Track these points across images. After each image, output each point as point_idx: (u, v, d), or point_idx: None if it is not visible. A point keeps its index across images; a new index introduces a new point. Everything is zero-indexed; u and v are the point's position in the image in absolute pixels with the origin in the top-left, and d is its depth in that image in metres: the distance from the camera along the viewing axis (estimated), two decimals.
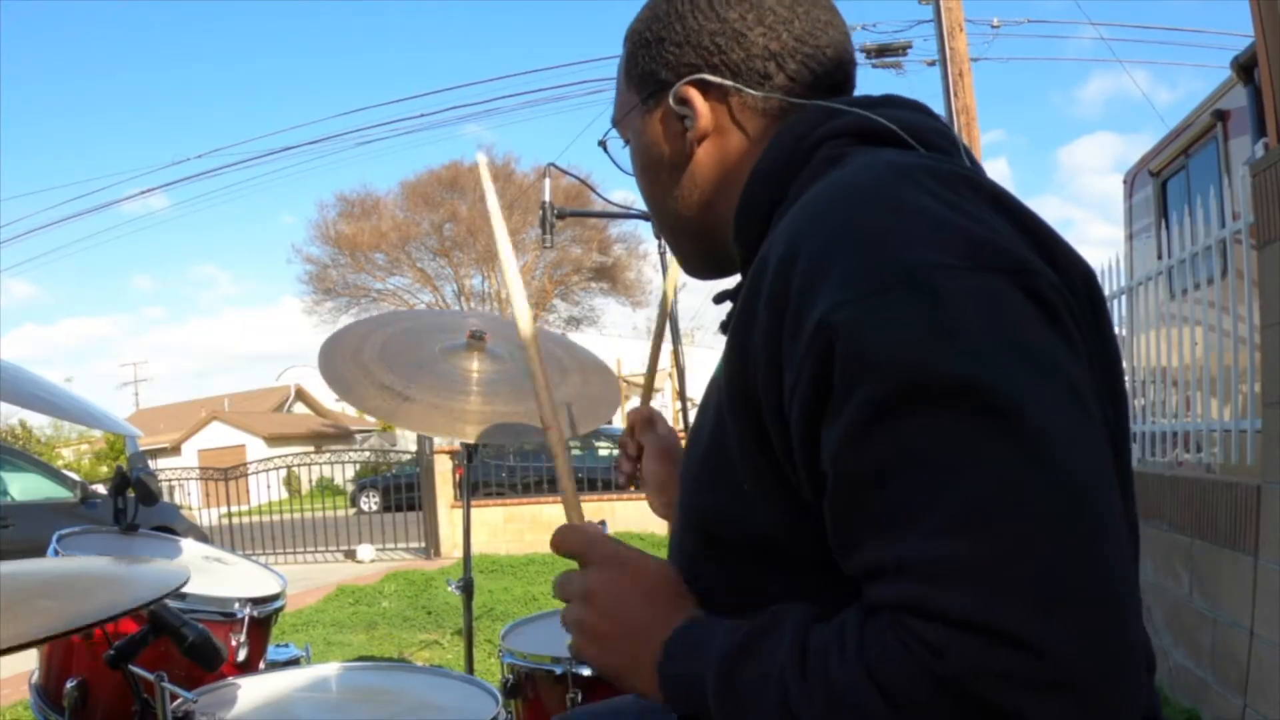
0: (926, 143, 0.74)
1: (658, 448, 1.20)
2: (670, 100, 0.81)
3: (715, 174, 0.83)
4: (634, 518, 10.00)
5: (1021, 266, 0.60)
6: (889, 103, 0.78)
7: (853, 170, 0.70)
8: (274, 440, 30.13)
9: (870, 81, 7.98)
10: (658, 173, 0.86)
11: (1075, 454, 0.55)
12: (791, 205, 0.73)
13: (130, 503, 2.01)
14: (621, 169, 0.92)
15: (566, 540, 0.78)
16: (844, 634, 0.60)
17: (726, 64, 0.79)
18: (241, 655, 1.81)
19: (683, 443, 1.03)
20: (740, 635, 0.66)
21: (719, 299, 0.90)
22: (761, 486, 0.67)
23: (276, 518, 11.00)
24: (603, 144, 0.94)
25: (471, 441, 1.84)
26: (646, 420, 1.23)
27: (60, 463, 20.53)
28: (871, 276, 0.59)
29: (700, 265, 0.92)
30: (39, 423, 28.17)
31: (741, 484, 0.69)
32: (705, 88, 0.80)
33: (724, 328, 0.89)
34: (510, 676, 1.84)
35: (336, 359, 1.91)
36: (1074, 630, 0.52)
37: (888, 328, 0.57)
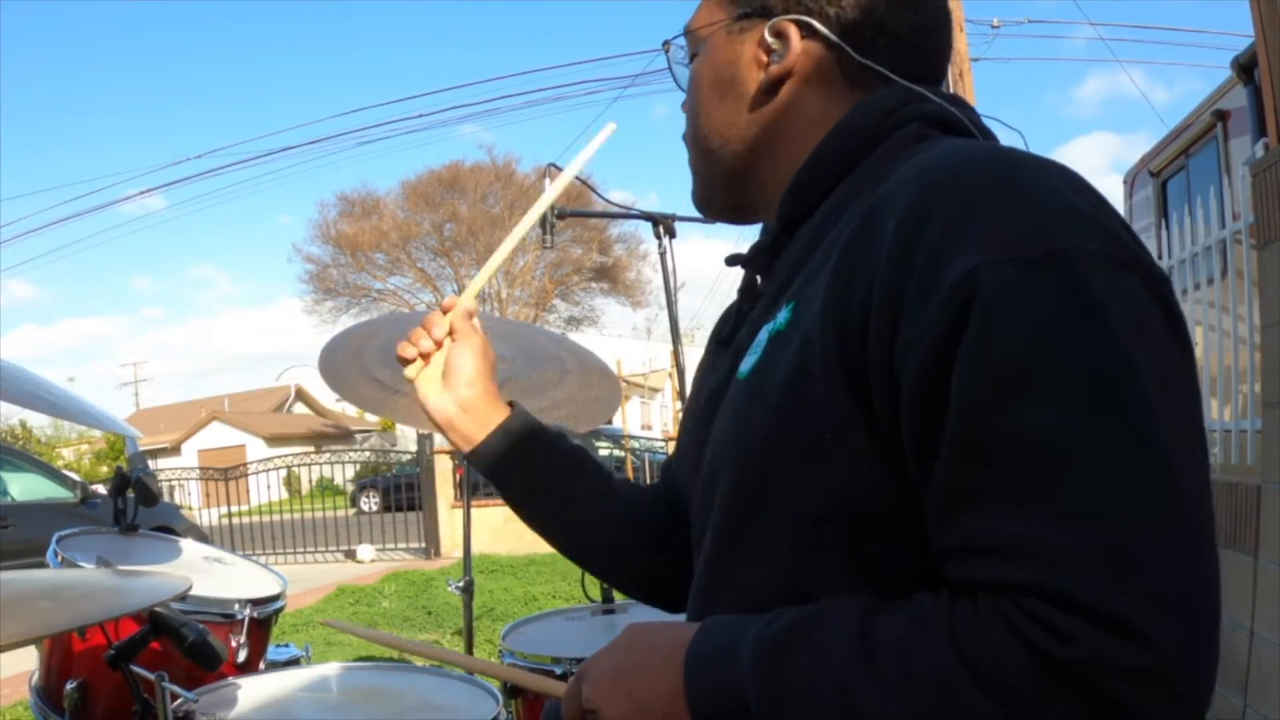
0: None
1: (478, 343, 0.98)
2: (766, 30, 0.79)
3: (780, 118, 0.80)
4: None
5: (1151, 271, 0.60)
6: (957, 102, 0.77)
7: (969, 145, 0.68)
8: (274, 440, 30.14)
9: None
10: (721, 94, 0.83)
11: (1191, 463, 0.56)
12: (863, 179, 0.72)
13: (130, 503, 2.01)
14: (675, 78, 0.90)
15: (569, 708, 0.72)
16: (923, 619, 0.57)
17: (840, 20, 0.77)
18: (241, 655, 1.81)
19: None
20: (778, 631, 0.61)
21: (730, 261, 0.88)
22: (850, 448, 0.63)
23: (276, 518, 11.01)
24: (666, 46, 0.91)
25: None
26: (467, 312, 1.00)
27: (60, 463, 20.52)
28: (1021, 244, 0.57)
29: (712, 197, 0.89)
30: (39, 423, 28.19)
31: (823, 445, 0.64)
32: (808, 33, 0.78)
33: (743, 292, 0.87)
34: None
35: (336, 356, 1.92)
36: (1186, 631, 0.52)
37: (1036, 299, 0.56)
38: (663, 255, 2.44)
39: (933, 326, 0.57)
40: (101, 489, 8.13)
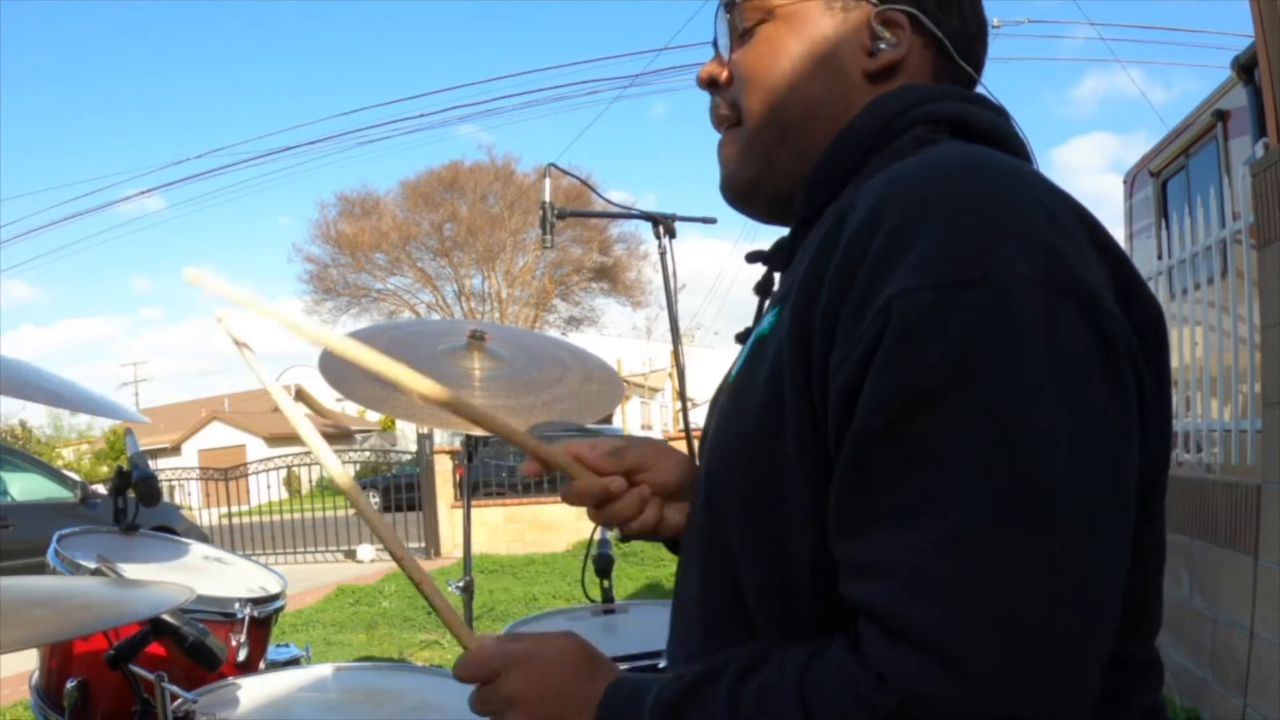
0: (1012, 151, 0.73)
1: (655, 454, 0.87)
2: (873, 17, 0.76)
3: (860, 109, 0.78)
4: None
5: (1094, 300, 0.58)
6: (983, 102, 0.76)
7: (951, 153, 0.67)
8: (274, 440, 30.13)
9: None
10: (815, 68, 0.77)
11: (1088, 499, 0.55)
12: (870, 178, 0.69)
13: (130, 503, 2.01)
14: (720, 39, 0.84)
15: (468, 670, 0.74)
16: (784, 668, 0.60)
17: (943, 20, 0.76)
18: (241, 655, 1.80)
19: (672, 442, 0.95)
20: (680, 684, 0.65)
21: (751, 258, 0.87)
22: (805, 458, 0.64)
23: (276, 518, 11.01)
24: (730, 4, 0.82)
25: (475, 433, 1.85)
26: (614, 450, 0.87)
27: (60, 463, 20.53)
28: (947, 268, 0.57)
29: (764, 179, 0.82)
30: (39, 422, 28.22)
31: (789, 453, 0.65)
32: (914, 26, 0.76)
33: (758, 289, 0.87)
34: None
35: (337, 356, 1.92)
36: (1030, 673, 0.53)
37: (947, 325, 0.56)
38: (663, 255, 2.45)
39: (855, 348, 0.59)
40: (101, 489, 8.13)
